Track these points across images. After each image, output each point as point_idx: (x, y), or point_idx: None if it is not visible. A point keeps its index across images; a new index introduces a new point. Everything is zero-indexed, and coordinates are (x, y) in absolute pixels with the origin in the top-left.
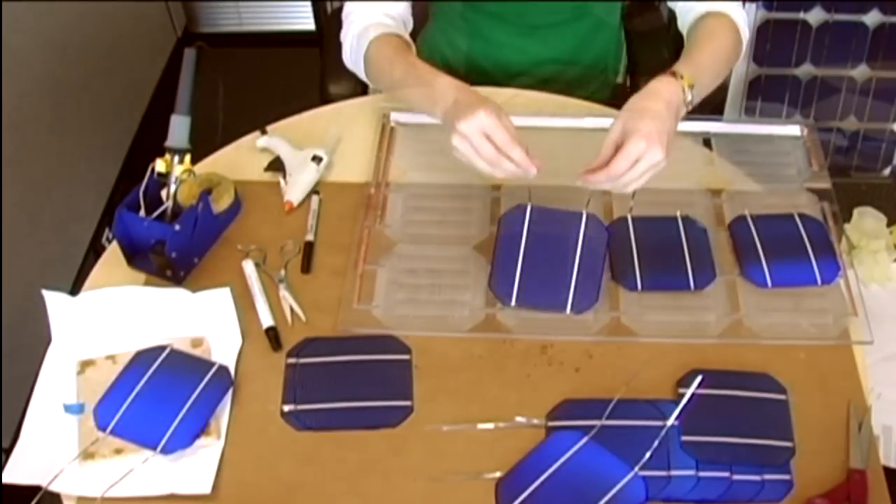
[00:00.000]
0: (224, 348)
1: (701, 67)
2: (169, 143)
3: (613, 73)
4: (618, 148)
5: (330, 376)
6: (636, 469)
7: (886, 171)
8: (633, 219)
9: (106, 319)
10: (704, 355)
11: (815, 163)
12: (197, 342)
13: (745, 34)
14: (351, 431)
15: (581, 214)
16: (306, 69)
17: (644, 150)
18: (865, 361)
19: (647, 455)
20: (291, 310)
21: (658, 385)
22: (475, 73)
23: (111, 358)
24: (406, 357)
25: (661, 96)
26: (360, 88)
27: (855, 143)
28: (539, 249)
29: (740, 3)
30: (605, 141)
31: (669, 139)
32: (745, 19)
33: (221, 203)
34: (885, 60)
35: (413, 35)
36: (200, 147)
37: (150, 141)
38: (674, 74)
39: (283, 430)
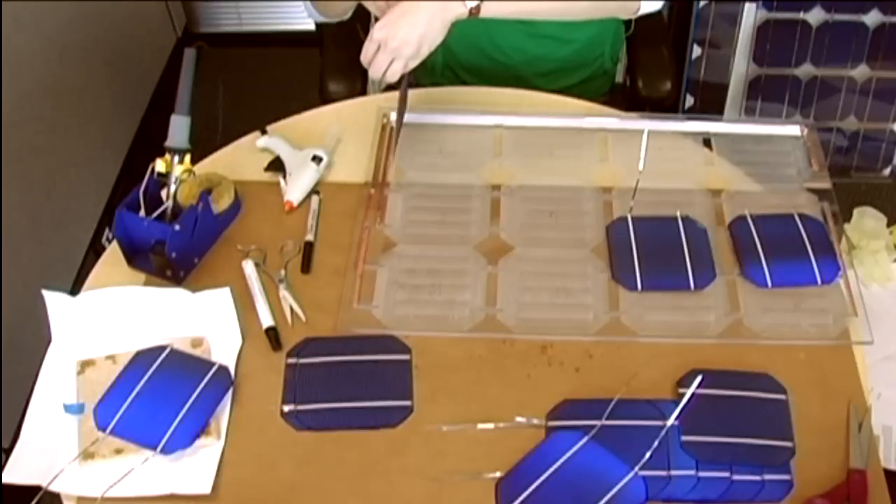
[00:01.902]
0: (224, 348)
1: None
2: (169, 143)
3: (611, 61)
4: None
5: (330, 376)
6: (636, 469)
7: (886, 171)
8: (633, 219)
9: (106, 319)
10: (704, 355)
11: (815, 163)
12: (197, 342)
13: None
14: (351, 431)
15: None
16: (306, 69)
17: (380, 39)
18: (865, 361)
19: (647, 455)
20: (291, 310)
21: (658, 385)
22: (467, 49)
23: (111, 358)
24: (406, 357)
25: None
26: (360, 88)
27: (855, 143)
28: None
29: None
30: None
31: (420, 31)
32: None
33: (221, 203)
34: (885, 60)
35: None
36: (200, 147)
37: (150, 141)
38: None
39: (283, 430)
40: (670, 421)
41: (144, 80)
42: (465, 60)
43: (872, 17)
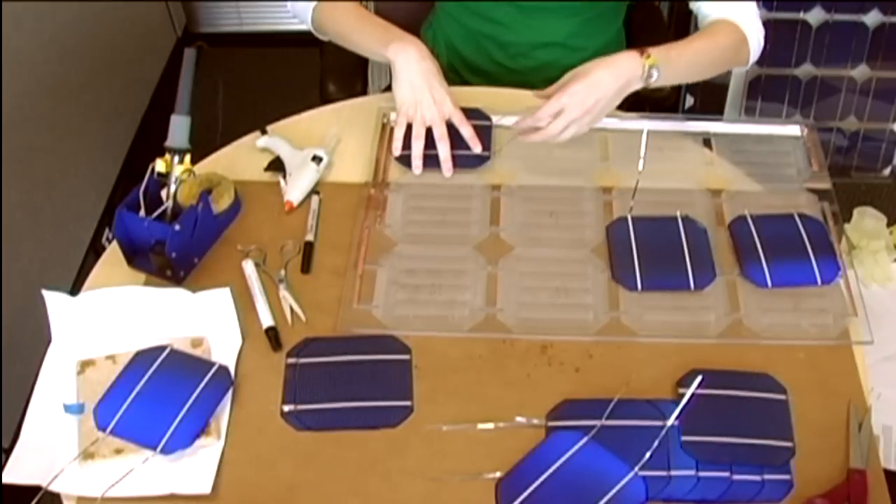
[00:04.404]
0: (224, 348)
1: (678, 54)
2: (169, 143)
3: None
4: None
5: (330, 376)
6: (636, 469)
7: (886, 171)
8: (633, 219)
9: (106, 319)
10: (704, 355)
11: (815, 163)
12: (197, 342)
13: (755, 44)
14: (351, 431)
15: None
16: (306, 69)
17: (565, 105)
18: (865, 361)
19: (647, 455)
20: (291, 310)
21: (658, 385)
22: (480, 55)
23: (111, 358)
24: (406, 357)
25: (613, 66)
26: (361, 88)
27: (855, 143)
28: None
29: (756, 16)
30: (551, 89)
31: (601, 105)
32: (757, 30)
33: (221, 203)
34: (885, 60)
35: (414, 30)
36: (200, 147)
37: (150, 141)
38: (641, 51)
39: (283, 430)
40: (670, 421)
41: (144, 80)
42: (472, 64)
43: (872, 17)
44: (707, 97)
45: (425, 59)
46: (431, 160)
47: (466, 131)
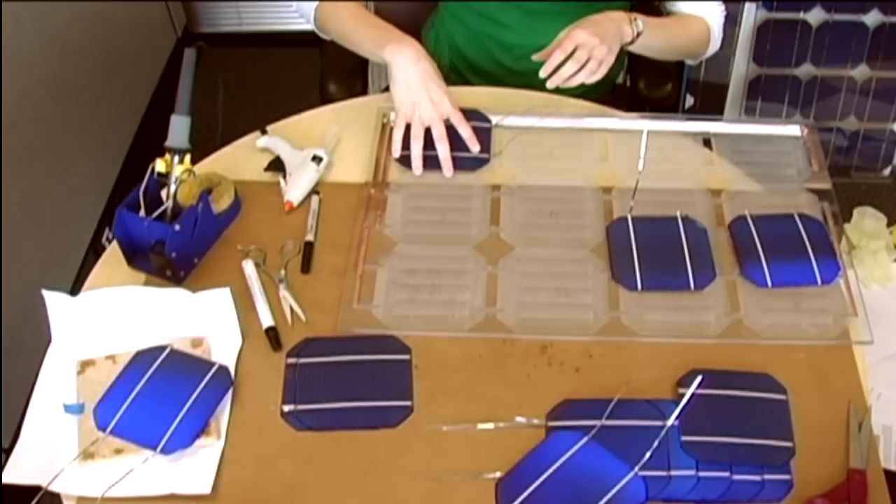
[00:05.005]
0: (224, 348)
1: (656, 27)
2: (169, 143)
3: (617, 72)
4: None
5: (330, 376)
6: (636, 469)
7: (886, 171)
8: (633, 219)
9: (106, 319)
10: (704, 355)
11: (815, 163)
12: (197, 342)
13: (716, 41)
14: (351, 431)
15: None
16: (306, 69)
17: (578, 40)
18: (865, 361)
19: (647, 455)
20: (291, 310)
21: (658, 385)
22: (483, 56)
23: (111, 358)
24: (406, 357)
25: (602, 14)
26: (361, 88)
27: (855, 143)
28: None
29: (720, 16)
30: (555, 41)
31: (609, 38)
32: (720, 27)
33: (221, 203)
34: (885, 60)
35: (415, 30)
36: (200, 147)
37: (150, 141)
38: (625, 10)
39: (283, 430)
40: (670, 421)
41: (144, 80)
42: (475, 65)
43: (872, 17)
44: (707, 97)
45: (422, 60)
46: (431, 161)
47: (465, 131)
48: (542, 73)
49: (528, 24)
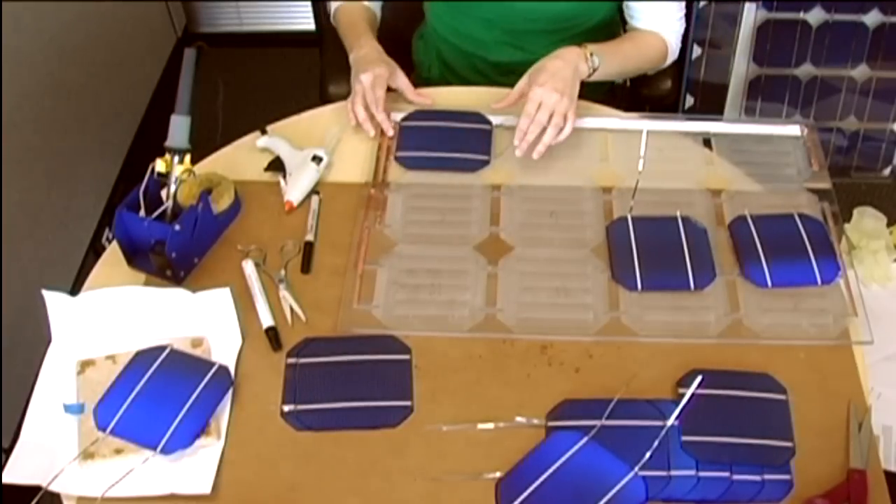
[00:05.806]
0: (224, 348)
1: (611, 54)
2: (169, 143)
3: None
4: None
5: (330, 376)
6: (636, 469)
7: (886, 171)
8: (633, 219)
9: (106, 319)
10: (704, 355)
11: (815, 163)
12: (197, 342)
13: (674, 53)
14: (351, 431)
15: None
16: (306, 69)
17: (539, 98)
18: (865, 361)
19: (647, 455)
20: (291, 310)
21: (658, 385)
22: (469, 69)
23: (111, 358)
24: (406, 357)
25: (559, 56)
26: None
27: (855, 143)
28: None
29: (680, 28)
30: (513, 89)
31: (570, 85)
32: (677, 40)
33: (221, 203)
34: (885, 60)
35: (408, 34)
36: (200, 147)
37: (150, 141)
38: (579, 45)
39: (283, 430)
40: (670, 421)
41: (144, 80)
42: (463, 77)
43: (872, 17)
44: (707, 97)
45: (368, 70)
46: (430, 161)
47: (381, 115)
48: (515, 143)
49: (511, 42)
